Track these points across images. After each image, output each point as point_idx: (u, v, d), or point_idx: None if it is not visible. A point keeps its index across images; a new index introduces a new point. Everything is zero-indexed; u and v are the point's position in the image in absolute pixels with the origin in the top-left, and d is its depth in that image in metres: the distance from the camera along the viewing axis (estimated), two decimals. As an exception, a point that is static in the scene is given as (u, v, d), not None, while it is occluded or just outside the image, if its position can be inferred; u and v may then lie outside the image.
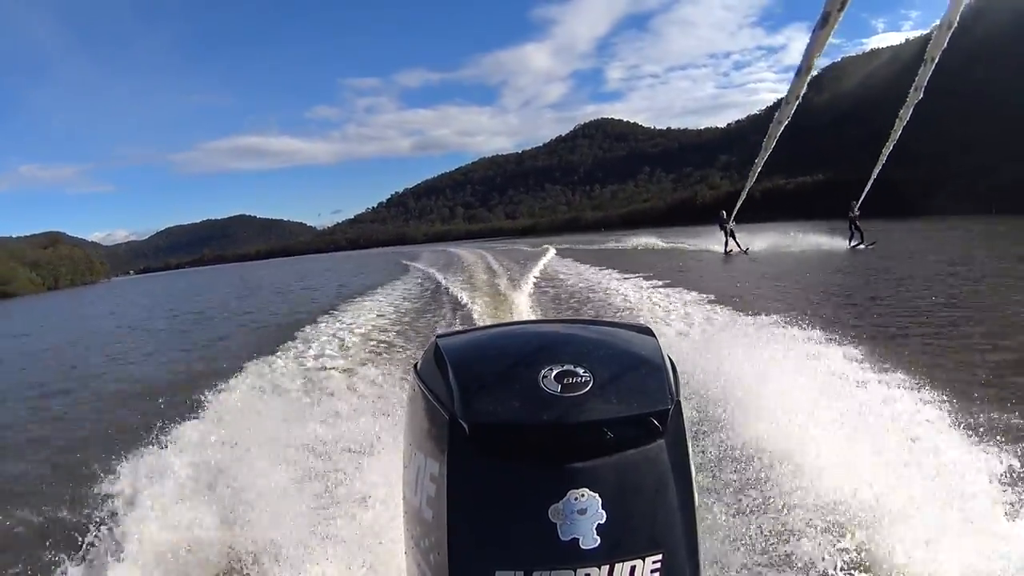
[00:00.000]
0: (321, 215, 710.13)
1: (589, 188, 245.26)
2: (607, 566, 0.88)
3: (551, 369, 0.96)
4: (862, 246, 18.09)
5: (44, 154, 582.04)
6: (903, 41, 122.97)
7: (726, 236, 19.93)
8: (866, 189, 16.14)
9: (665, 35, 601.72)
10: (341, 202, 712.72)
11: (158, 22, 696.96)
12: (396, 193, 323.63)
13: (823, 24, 1.58)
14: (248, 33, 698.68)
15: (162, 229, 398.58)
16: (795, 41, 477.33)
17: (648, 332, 1.14)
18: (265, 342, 8.56)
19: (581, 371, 0.96)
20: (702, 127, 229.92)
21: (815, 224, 23.71)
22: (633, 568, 0.90)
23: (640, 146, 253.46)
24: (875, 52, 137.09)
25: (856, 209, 18.31)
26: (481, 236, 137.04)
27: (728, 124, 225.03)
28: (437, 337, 1.12)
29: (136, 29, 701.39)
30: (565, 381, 0.94)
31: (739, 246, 19.80)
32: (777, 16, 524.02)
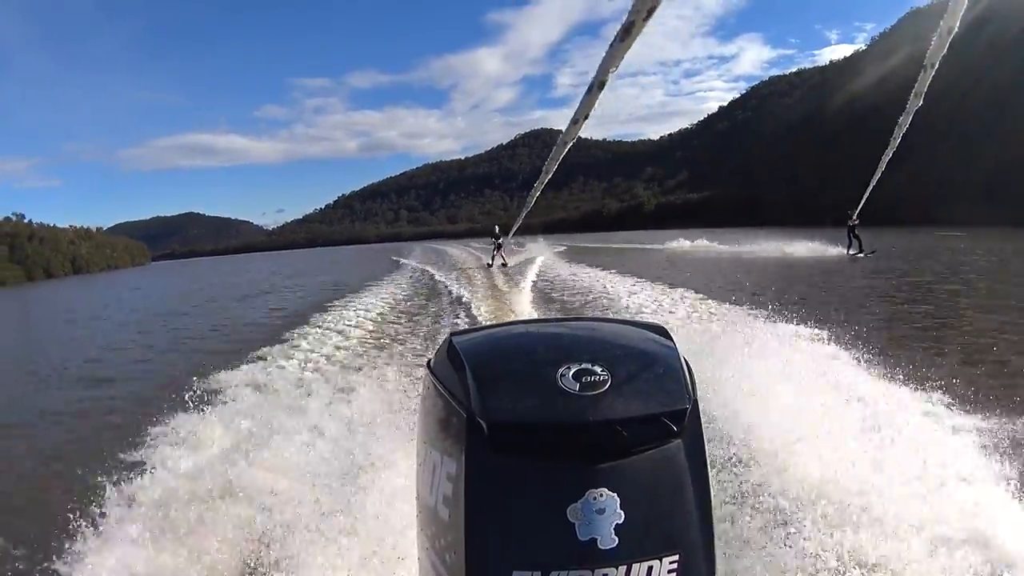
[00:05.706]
0: (265, 214, 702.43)
1: (526, 195, 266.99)
2: (624, 566, 0.88)
3: (569, 368, 0.96)
4: (861, 254, 18.19)
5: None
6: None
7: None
8: (863, 198, 27.35)
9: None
10: (285, 201, 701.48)
11: (117, 18, 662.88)
12: (343, 195, 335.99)
13: (624, 37, 1.58)
14: (200, 30, 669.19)
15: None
16: (747, 51, 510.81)
17: (663, 332, 1.15)
18: (270, 336, 8.57)
19: (599, 370, 0.96)
20: (646, 135, 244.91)
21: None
22: (650, 568, 0.90)
23: (576, 156, 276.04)
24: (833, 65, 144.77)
25: (855, 218, 18.23)
26: (427, 238, 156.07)
27: (660, 137, 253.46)
28: (452, 335, 1.13)
29: (95, 25, 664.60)
30: (583, 380, 0.94)
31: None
32: (730, 26, 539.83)
